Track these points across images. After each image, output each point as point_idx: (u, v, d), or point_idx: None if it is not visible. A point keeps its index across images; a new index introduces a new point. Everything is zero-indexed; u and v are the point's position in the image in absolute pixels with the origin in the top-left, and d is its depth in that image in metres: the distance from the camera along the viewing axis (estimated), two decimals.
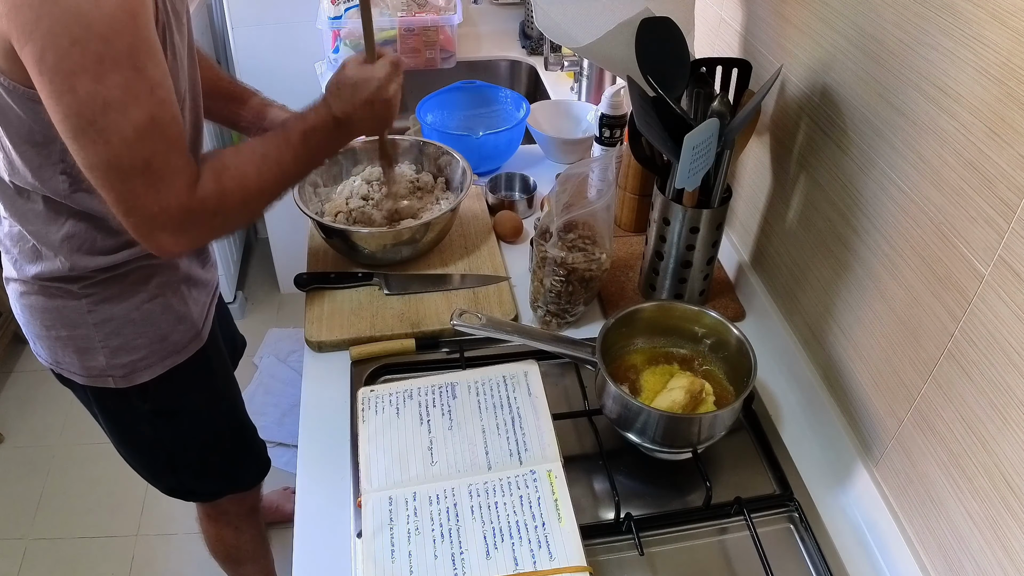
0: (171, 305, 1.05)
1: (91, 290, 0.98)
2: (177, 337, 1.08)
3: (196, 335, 1.11)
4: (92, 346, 1.02)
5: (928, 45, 0.72)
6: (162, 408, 1.13)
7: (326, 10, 1.81)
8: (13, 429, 2.19)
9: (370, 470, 0.87)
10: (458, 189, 1.29)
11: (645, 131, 0.96)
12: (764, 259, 1.14)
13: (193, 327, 1.10)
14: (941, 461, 0.75)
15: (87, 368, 1.04)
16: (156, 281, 1.03)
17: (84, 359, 1.03)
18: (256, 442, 1.36)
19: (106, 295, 0.99)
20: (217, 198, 0.86)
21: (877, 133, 0.82)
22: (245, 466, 1.36)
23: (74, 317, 1.00)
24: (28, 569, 1.86)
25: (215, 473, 1.31)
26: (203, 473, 1.29)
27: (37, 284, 0.98)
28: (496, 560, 0.78)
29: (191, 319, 1.09)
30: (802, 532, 0.87)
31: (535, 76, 1.98)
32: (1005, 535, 0.67)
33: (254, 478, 1.39)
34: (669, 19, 0.93)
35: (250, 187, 0.89)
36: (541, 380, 0.96)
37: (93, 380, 1.05)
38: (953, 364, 0.73)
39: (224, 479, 1.34)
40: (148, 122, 0.77)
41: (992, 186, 0.66)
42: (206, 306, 1.14)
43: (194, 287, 1.10)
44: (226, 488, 1.36)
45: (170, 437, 1.18)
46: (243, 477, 1.37)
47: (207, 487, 1.34)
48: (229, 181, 0.87)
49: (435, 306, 1.14)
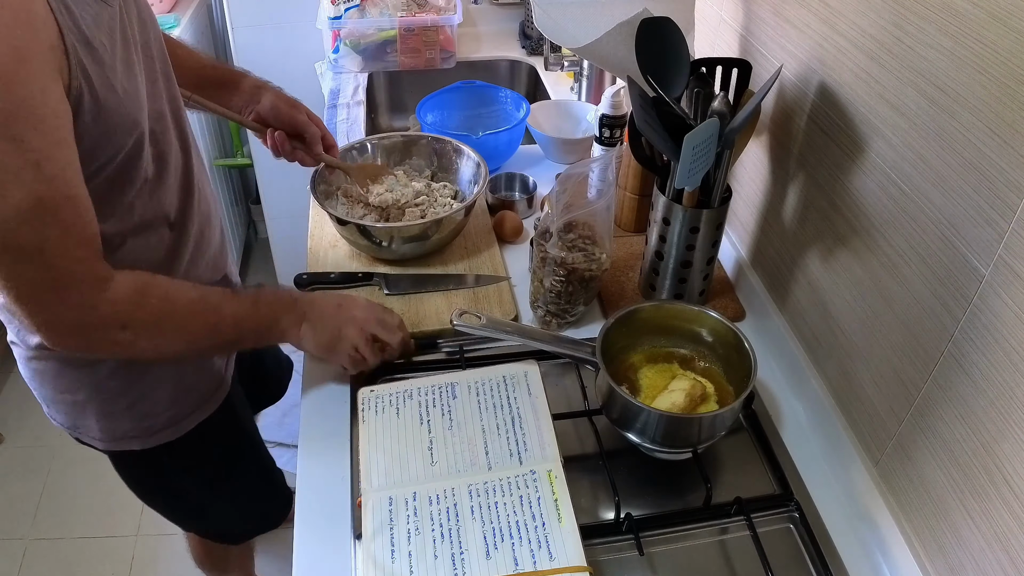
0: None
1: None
2: (203, 388, 1.03)
3: (220, 383, 1.06)
4: (115, 410, 0.96)
5: (928, 45, 0.72)
6: (188, 463, 1.08)
7: (326, 10, 1.81)
8: (13, 429, 2.19)
9: (370, 470, 0.87)
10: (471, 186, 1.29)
11: (645, 131, 0.96)
12: (764, 259, 1.13)
13: (217, 375, 1.05)
14: (941, 461, 0.75)
15: (109, 432, 0.99)
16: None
17: (106, 423, 0.98)
18: (278, 478, 1.31)
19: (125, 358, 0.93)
20: (131, 308, 0.75)
21: (877, 133, 0.82)
22: (272, 505, 1.32)
23: (92, 380, 0.94)
24: (28, 569, 1.86)
25: (246, 516, 1.27)
26: (234, 518, 1.25)
27: (46, 351, 0.92)
28: (496, 560, 0.78)
29: (214, 367, 1.05)
30: (802, 532, 0.87)
31: (535, 76, 1.98)
32: (1005, 535, 0.67)
33: (281, 515, 1.34)
34: (669, 19, 0.93)
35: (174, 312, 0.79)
36: (541, 380, 0.96)
37: (116, 444, 1.00)
38: (953, 364, 0.73)
39: (255, 520, 1.30)
40: (33, 204, 0.66)
41: (992, 186, 0.66)
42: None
43: None
44: (257, 529, 1.31)
45: (197, 488, 1.14)
46: (272, 516, 1.33)
47: (239, 529, 1.30)
48: (152, 297, 0.77)
49: (435, 306, 1.14)
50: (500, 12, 2.14)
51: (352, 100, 1.77)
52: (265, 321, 0.89)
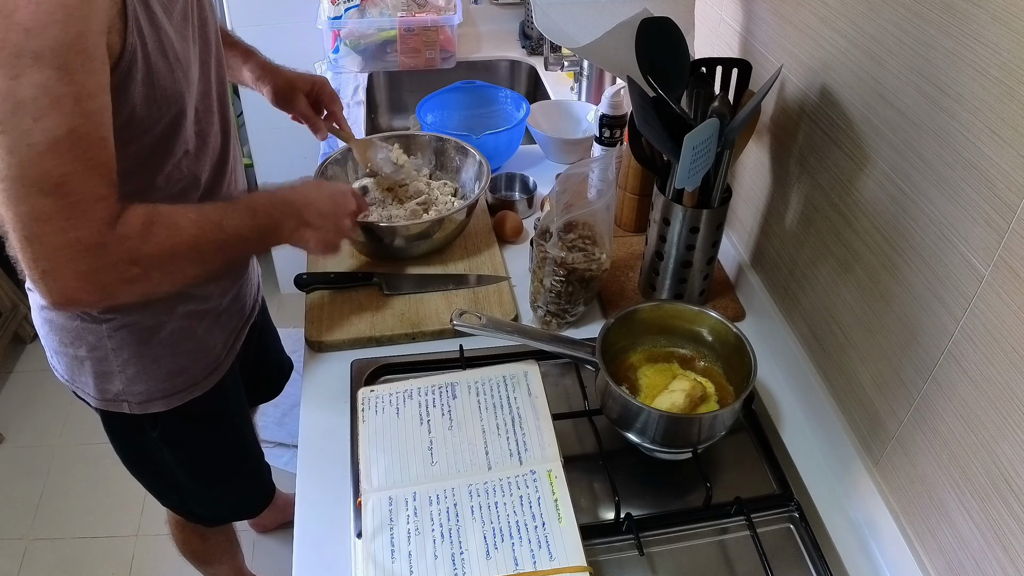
0: (195, 335, 1.01)
1: (112, 313, 0.93)
2: (197, 370, 1.04)
3: (216, 368, 1.07)
4: (110, 370, 0.98)
5: (928, 45, 0.72)
6: (171, 438, 1.09)
7: (326, 10, 1.81)
8: (13, 429, 2.18)
9: (370, 470, 0.87)
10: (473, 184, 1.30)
11: (645, 131, 0.96)
12: (764, 259, 1.13)
13: (215, 360, 1.06)
14: (941, 461, 0.75)
15: (102, 391, 1.00)
16: (182, 310, 0.98)
17: (100, 382, 0.99)
18: (262, 472, 1.33)
19: (127, 320, 0.95)
20: (139, 242, 0.74)
21: (877, 133, 0.82)
22: (249, 496, 1.34)
23: (93, 339, 0.96)
24: (28, 569, 1.86)
25: (219, 502, 1.29)
26: (208, 501, 1.27)
27: None
28: (496, 560, 0.78)
29: (214, 351, 1.06)
30: (802, 532, 0.87)
31: (535, 76, 1.98)
32: (1005, 535, 0.67)
33: (257, 508, 1.36)
34: (669, 19, 0.93)
35: (181, 240, 0.78)
36: (541, 380, 0.96)
37: (107, 404, 1.02)
38: (953, 364, 0.73)
39: (228, 509, 1.33)
40: (66, 134, 0.66)
41: (992, 186, 0.66)
42: (234, 334, 1.10)
43: (226, 314, 1.07)
44: (229, 516, 1.33)
45: (176, 464, 1.15)
46: (247, 507, 1.35)
47: (210, 513, 1.32)
48: (158, 228, 0.76)
49: (435, 306, 1.14)
50: (500, 12, 2.14)
51: (352, 100, 1.77)
52: (267, 229, 0.88)
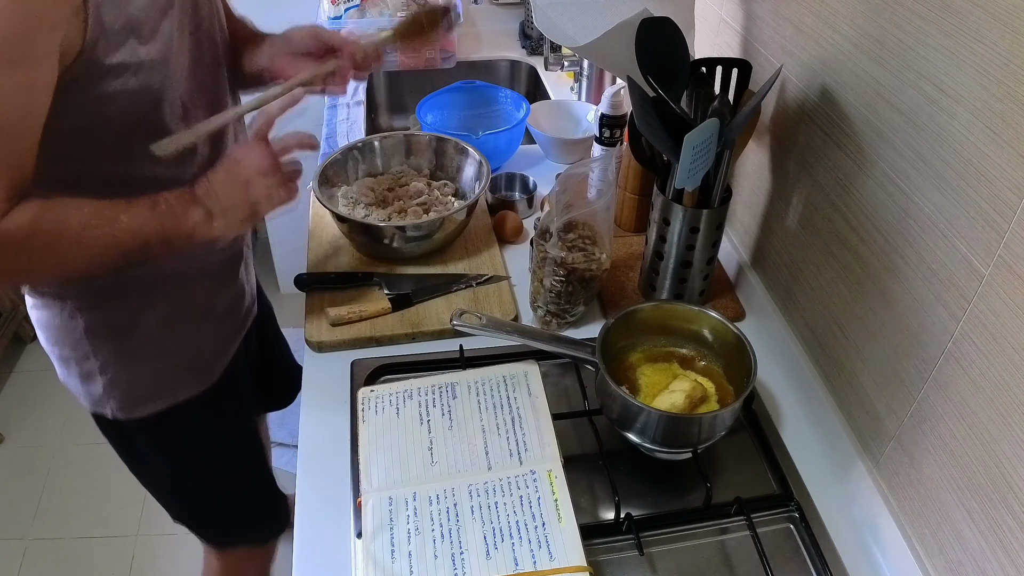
0: (179, 337, 0.99)
1: (87, 311, 0.92)
2: (182, 374, 1.01)
3: (206, 372, 1.04)
4: (92, 370, 0.96)
5: (928, 45, 0.72)
6: (163, 444, 1.07)
7: (326, 10, 1.81)
8: (13, 429, 2.19)
9: (370, 470, 0.87)
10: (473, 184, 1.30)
11: (645, 131, 0.96)
12: (764, 259, 1.13)
13: (204, 364, 1.03)
14: (941, 461, 0.75)
15: (86, 393, 0.99)
16: (162, 309, 0.96)
17: (86, 383, 0.98)
18: (273, 494, 1.26)
19: (103, 317, 0.93)
20: (26, 234, 0.73)
21: (877, 133, 0.82)
22: (257, 518, 1.26)
23: (73, 338, 0.94)
24: (28, 569, 1.86)
25: (223, 519, 1.22)
26: (210, 517, 1.21)
27: (35, 294, 0.93)
28: (496, 560, 0.78)
29: (203, 356, 1.03)
30: (802, 532, 0.87)
31: (535, 76, 1.98)
32: (1005, 535, 0.67)
33: (268, 534, 1.28)
34: (669, 19, 0.93)
35: (68, 234, 0.76)
36: (541, 380, 0.96)
37: (93, 406, 1.00)
38: (953, 364, 0.73)
39: (233, 528, 1.24)
40: None
41: (992, 186, 0.66)
42: (229, 341, 1.08)
43: (213, 319, 1.03)
44: (235, 538, 1.25)
45: (172, 472, 1.12)
46: (254, 530, 1.27)
47: (214, 531, 1.25)
48: (46, 222, 0.74)
49: (435, 306, 1.14)
50: (500, 12, 2.14)
51: (352, 100, 1.77)
52: (169, 223, 0.81)
